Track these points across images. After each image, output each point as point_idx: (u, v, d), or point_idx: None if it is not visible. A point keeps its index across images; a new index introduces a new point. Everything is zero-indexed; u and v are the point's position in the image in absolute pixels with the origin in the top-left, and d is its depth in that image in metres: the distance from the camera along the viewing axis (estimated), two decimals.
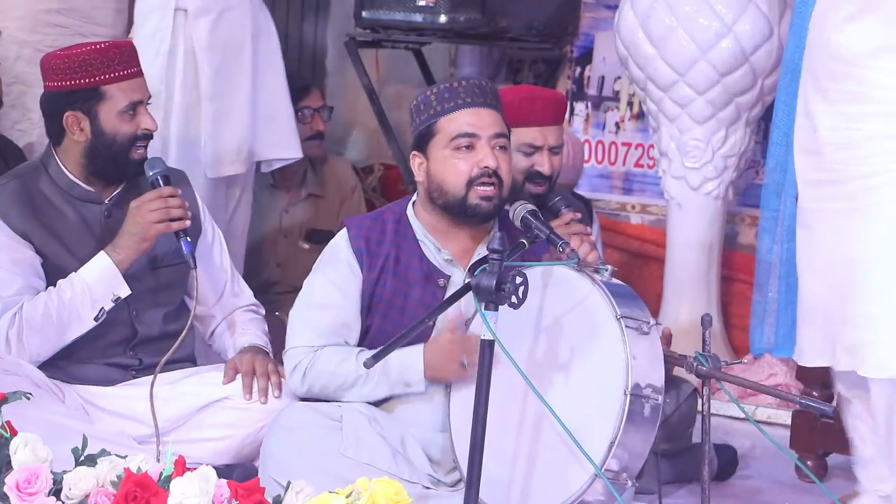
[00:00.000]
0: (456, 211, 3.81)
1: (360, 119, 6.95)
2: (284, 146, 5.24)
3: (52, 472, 3.15)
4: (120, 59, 3.98)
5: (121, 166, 4.01)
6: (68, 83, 3.98)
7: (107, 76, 3.96)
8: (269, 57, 5.24)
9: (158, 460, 3.20)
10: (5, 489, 3.11)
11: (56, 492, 3.14)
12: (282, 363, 3.94)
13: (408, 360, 3.70)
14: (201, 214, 4.18)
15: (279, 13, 7.65)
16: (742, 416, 4.27)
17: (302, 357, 3.84)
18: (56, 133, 4.03)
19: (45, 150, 4.11)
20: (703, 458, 3.50)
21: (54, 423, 3.70)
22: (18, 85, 5.43)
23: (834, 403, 4.29)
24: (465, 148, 3.76)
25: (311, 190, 5.54)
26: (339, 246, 3.89)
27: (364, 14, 6.29)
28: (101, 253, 3.94)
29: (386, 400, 3.81)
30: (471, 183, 3.76)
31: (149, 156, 4.05)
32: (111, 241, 3.96)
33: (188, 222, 3.94)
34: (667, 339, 4.00)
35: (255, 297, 4.33)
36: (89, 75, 3.96)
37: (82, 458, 3.20)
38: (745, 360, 5.44)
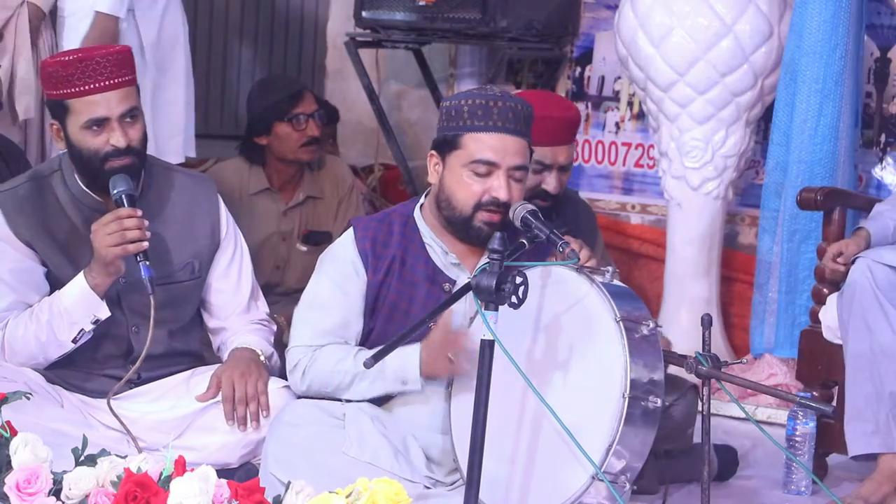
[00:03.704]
0: (458, 227, 3.79)
1: (360, 119, 6.94)
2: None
3: (52, 472, 3.15)
4: (81, 73, 3.80)
5: (98, 179, 3.87)
6: (46, 93, 3.93)
7: (68, 90, 3.82)
8: (186, 49, 5.30)
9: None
10: (5, 489, 3.11)
11: (56, 492, 3.14)
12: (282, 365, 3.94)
13: (404, 358, 3.68)
14: (222, 229, 4.07)
15: (279, 13, 7.66)
16: (742, 416, 4.26)
17: (302, 356, 3.82)
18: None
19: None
20: (703, 459, 3.49)
21: (54, 430, 3.65)
22: None
23: (833, 403, 4.30)
24: (483, 174, 3.75)
25: (308, 192, 5.52)
26: (345, 246, 3.87)
27: (364, 14, 6.30)
28: (80, 275, 3.83)
29: (386, 401, 3.81)
30: (479, 206, 3.75)
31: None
32: None
33: (145, 244, 3.77)
34: (665, 345, 3.97)
35: None
36: (54, 87, 3.85)
37: (82, 458, 3.20)
38: (745, 360, 5.44)
